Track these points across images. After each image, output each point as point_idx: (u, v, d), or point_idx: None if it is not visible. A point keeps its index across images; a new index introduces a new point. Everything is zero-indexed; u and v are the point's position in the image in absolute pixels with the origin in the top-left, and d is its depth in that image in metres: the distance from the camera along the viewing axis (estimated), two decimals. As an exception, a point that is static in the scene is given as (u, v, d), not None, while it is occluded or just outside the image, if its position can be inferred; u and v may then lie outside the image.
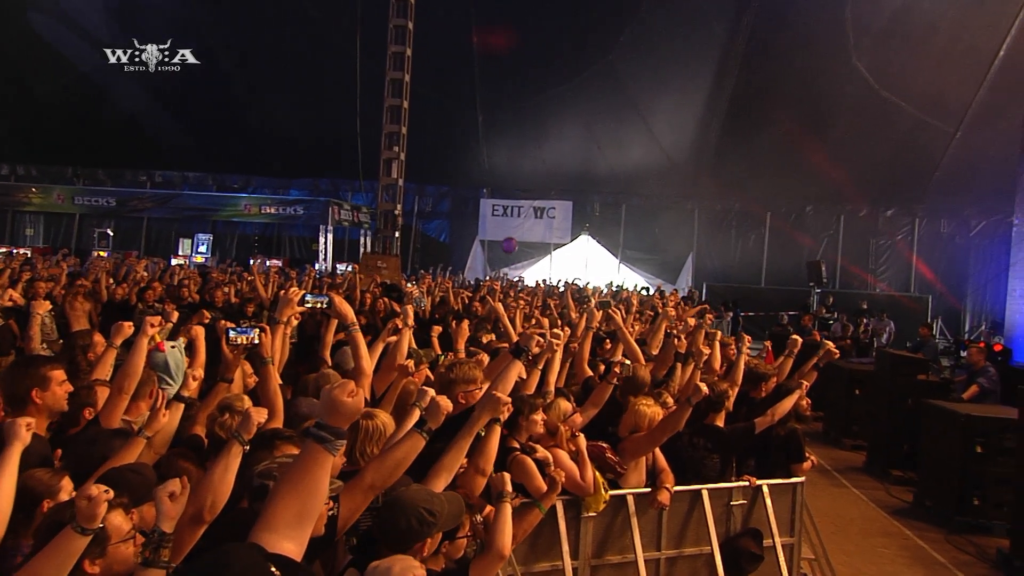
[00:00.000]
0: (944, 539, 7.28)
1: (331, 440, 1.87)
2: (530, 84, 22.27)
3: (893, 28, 19.56)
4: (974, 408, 8.06)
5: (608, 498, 4.37)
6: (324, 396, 1.92)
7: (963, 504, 7.51)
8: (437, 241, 27.49)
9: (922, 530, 7.50)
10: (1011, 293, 13.77)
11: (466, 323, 4.82)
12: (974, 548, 7.06)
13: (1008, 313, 13.96)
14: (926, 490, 8.21)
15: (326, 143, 23.21)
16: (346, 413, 1.91)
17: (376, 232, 18.32)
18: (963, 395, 8.76)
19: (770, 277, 24.79)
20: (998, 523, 7.25)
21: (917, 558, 6.88)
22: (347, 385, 1.93)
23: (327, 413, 1.90)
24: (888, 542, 7.27)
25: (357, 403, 1.92)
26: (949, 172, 22.17)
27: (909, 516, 7.94)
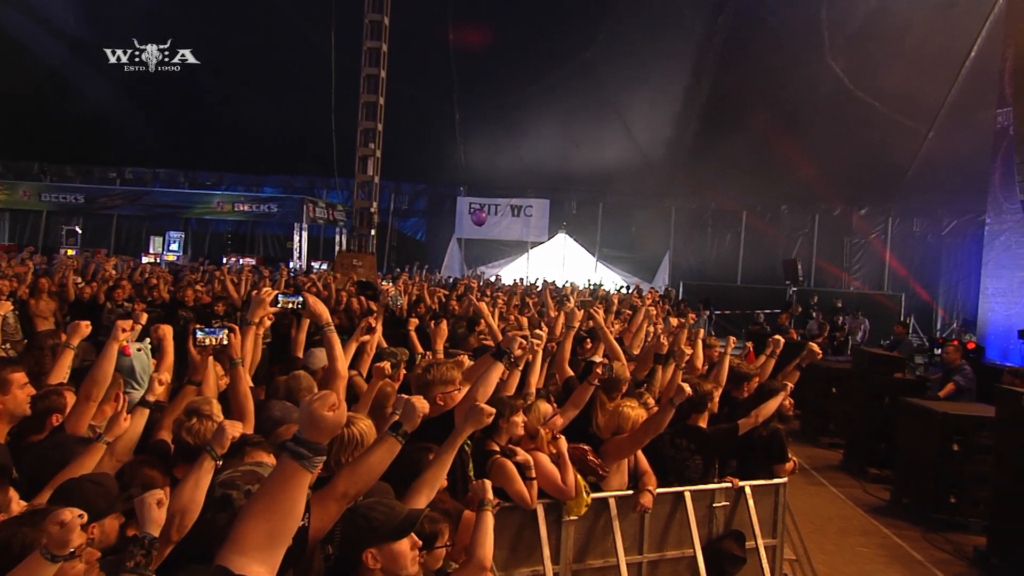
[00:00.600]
0: (921, 537, 7.28)
1: (309, 457, 1.74)
2: (507, 81, 22.16)
3: (867, 29, 19.73)
4: (951, 406, 8.09)
5: (590, 501, 4.28)
6: (303, 409, 1.79)
7: (940, 502, 7.53)
8: (413, 239, 27.31)
9: (900, 528, 7.51)
10: (983, 291, 13.91)
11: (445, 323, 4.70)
12: (951, 546, 7.06)
13: (981, 311, 14.10)
14: (903, 488, 8.23)
15: (301, 140, 22.94)
16: (326, 428, 1.78)
17: (352, 230, 18.12)
18: (939, 393, 8.79)
19: (746, 275, 24.95)
20: (975, 521, 7.28)
21: (895, 557, 6.87)
22: (327, 398, 1.79)
23: (306, 427, 1.77)
24: (866, 541, 7.26)
25: (338, 417, 1.79)
26: (921, 172, 22.46)
27: (887, 514, 7.95)
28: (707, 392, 4.80)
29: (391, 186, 25.80)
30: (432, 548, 2.74)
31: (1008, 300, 12.91)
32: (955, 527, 7.39)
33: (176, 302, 9.60)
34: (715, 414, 4.94)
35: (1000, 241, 13.22)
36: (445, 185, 26.86)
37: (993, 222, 13.76)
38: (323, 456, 1.79)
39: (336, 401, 1.79)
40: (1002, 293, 13.11)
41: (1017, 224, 12.66)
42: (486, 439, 3.90)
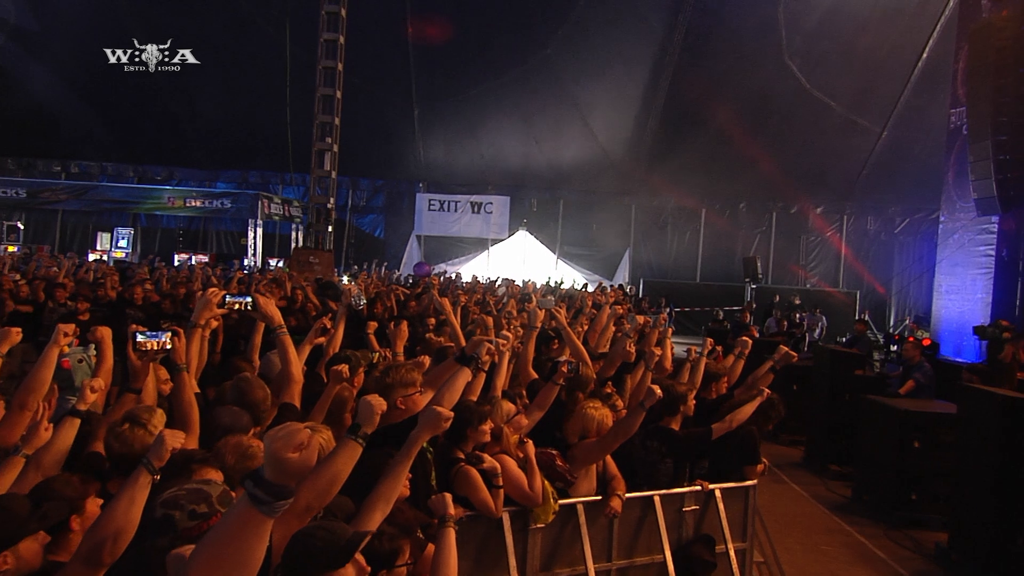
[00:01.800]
0: (883, 534, 7.29)
1: (270, 502, 1.50)
2: (467, 77, 21.97)
3: (822, 29, 19.99)
4: (911, 403, 8.12)
5: (557, 508, 4.11)
6: (267, 448, 1.54)
7: (901, 499, 7.55)
8: (372, 236, 26.95)
9: (862, 526, 7.51)
10: (937, 288, 14.15)
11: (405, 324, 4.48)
12: (912, 543, 7.08)
13: (935, 308, 14.33)
14: (864, 485, 8.25)
15: (255, 134, 22.45)
16: (291, 472, 1.53)
17: (308, 227, 17.70)
18: (900, 390, 8.85)
19: (705, 273, 25.15)
20: (935, 517, 7.31)
21: (858, 555, 6.86)
22: (294, 436, 1.55)
23: (269, 468, 1.53)
24: (830, 539, 7.24)
25: (306, 459, 1.55)
26: (875, 171, 22.90)
27: (848, 512, 7.95)
28: (680, 394, 4.67)
29: (348, 182, 25.48)
30: (392, 567, 2.53)
31: (961, 297, 13.14)
32: (916, 524, 7.42)
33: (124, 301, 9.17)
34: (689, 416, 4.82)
35: (954, 239, 13.45)
36: (404, 181, 26.54)
37: (947, 220, 13.98)
38: (287, 500, 1.54)
39: (304, 439, 1.55)
40: (956, 290, 13.34)
41: (971, 222, 12.88)
42: (452, 446, 3.72)
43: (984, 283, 12.49)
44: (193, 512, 2.06)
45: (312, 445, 1.56)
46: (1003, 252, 12.13)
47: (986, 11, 12.78)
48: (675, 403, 4.65)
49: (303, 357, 4.19)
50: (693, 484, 4.77)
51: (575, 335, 5.70)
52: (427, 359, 4.53)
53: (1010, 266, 12.03)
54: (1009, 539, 6.06)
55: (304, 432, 1.56)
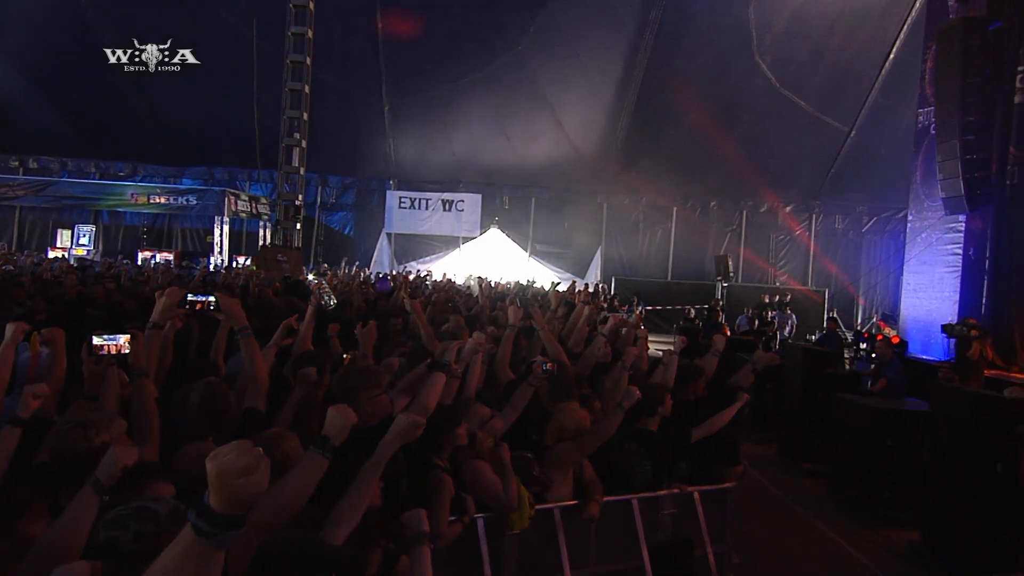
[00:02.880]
0: (857, 533, 7.28)
1: (216, 534, 1.34)
2: (438, 73, 21.76)
3: (792, 29, 20.12)
4: (884, 402, 8.14)
5: (533, 513, 3.98)
6: (210, 473, 1.36)
7: (874, 497, 7.54)
8: (341, 234, 26.62)
9: (835, 524, 7.49)
10: (906, 286, 14.28)
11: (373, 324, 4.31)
12: (885, 541, 7.07)
13: (903, 306, 14.47)
14: (837, 483, 8.25)
15: (222, 129, 21.99)
16: (240, 499, 1.36)
17: (276, 224, 17.35)
18: (872, 389, 8.88)
19: (676, 271, 25.22)
20: (908, 515, 7.31)
21: (832, 553, 6.83)
22: (242, 458, 1.36)
23: (214, 496, 1.35)
24: (804, 538, 7.21)
25: (256, 483, 1.37)
26: (844, 169, 23.15)
27: (822, 510, 7.93)
28: (658, 394, 4.57)
29: (317, 179, 25.19)
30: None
31: (929, 295, 13.27)
32: (889, 522, 7.41)
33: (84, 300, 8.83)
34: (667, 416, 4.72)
35: (922, 238, 13.58)
36: (374, 178, 26.26)
37: (915, 219, 14.12)
38: (237, 530, 1.37)
39: (253, 460, 1.37)
40: (923, 288, 13.47)
41: (938, 221, 13.01)
42: (426, 452, 3.58)
43: (951, 282, 12.62)
44: (139, 533, 1.87)
45: (262, 468, 1.39)
46: (970, 251, 12.26)
47: (953, 12, 12.90)
48: (653, 403, 4.55)
49: (270, 359, 4.01)
50: (671, 487, 4.68)
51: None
52: (395, 360, 4.38)
53: (977, 265, 12.16)
54: (982, 537, 6.07)
55: (253, 453, 1.39)
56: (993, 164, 11.73)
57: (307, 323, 4.61)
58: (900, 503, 7.44)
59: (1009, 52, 11.67)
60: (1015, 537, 5.94)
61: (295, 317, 4.11)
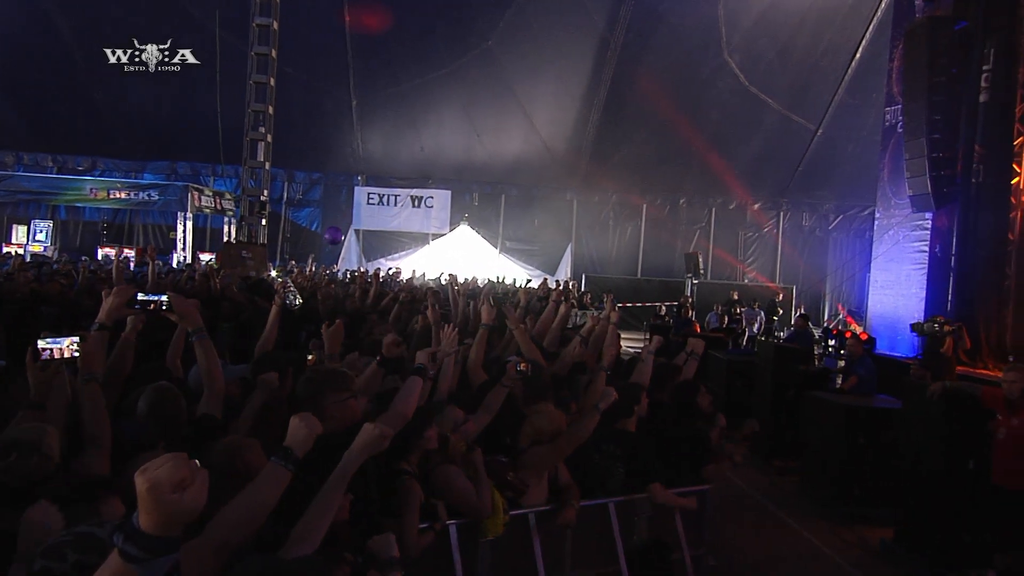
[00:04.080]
0: (829, 530, 7.25)
1: (146, 559, 1.17)
2: (406, 68, 21.53)
3: (760, 27, 20.23)
4: (856, 399, 8.13)
5: (508, 519, 3.84)
6: (139, 489, 1.19)
7: (846, 494, 7.53)
8: (308, 230, 26.23)
9: (808, 522, 7.45)
10: (873, 283, 14.40)
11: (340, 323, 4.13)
12: (858, 538, 7.06)
13: (870, 303, 14.60)
14: (809, 480, 8.24)
15: (184, 123, 21.47)
16: (173, 518, 1.19)
17: (240, 219, 16.96)
18: (843, 386, 8.88)
19: (646, 268, 25.27)
20: (880, 512, 7.29)
21: (806, 551, 6.79)
22: (175, 472, 1.20)
23: (143, 515, 1.18)
24: (775, 534, 7.17)
25: (192, 499, 1.21)
26: (811, 167, 23.35)
27: (794, 508, 7.90)
28: (634, 394, 4.46)
29: (284, 175, 24.80)
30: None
31: (896, 292, 13.40)
32: (861, 519, 7.40)
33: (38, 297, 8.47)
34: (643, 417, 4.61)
35: (889, 235, 13.70)
36: (342, 174, 25.92)
37: (882, 217, 14.24)
38: (172, 555, 1.20)
39: (188, 473, 1.20)
40: (890, 285, 13.59)
41: (905, 219, 13.13)
42: (395, 458, 3.42)
43: (918, 279, 12.74)
44: (79, 564, 1.67)
45: (199, 481, 1.22)
46: (936, 248, 12.38)
47: (919, 11, 13.02)
48: (630, 403, 4.44)
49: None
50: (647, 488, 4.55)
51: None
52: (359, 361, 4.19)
53: (943, 262, 12.28)
54: (954, 534, 6.06)
55: (188, 465, 1.22)
56: (959, 162, 11.85)
57: (271, 323, 4.41)
58: (871, 500, 7.43)
59: (974, 52, 11.78)
60: (988, 534, 5.93)
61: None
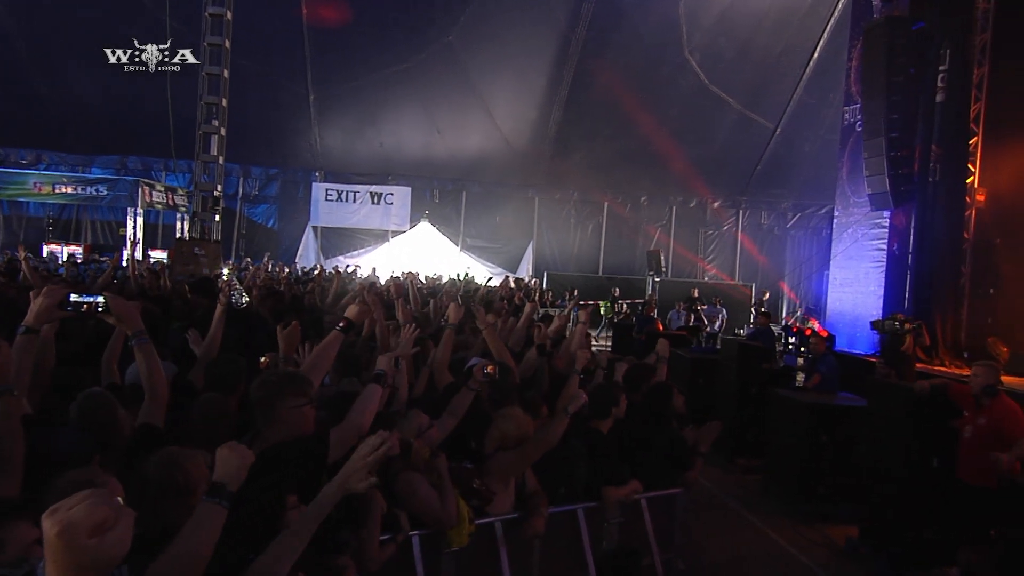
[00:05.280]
0: (794, 529, 7.22)
1: None
2: (366, 62, 21.14)
3: (721, 25, 20.34)
4: (819, 397, 8.13)
5: (474, 529, 3.66)
6: (47, 534, 1.00)
7: (809, 493, 7.50)
8: (264, 227, 25.66)
9: (772, 520, 7.42)
10: (833, 281, 14.55)
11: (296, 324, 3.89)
12: (823, 537, 7.03)
13: (829, 300, 14.75)
14: (774, 479, 8.21)
15: (134, 116, 20.77)
16: (92, 569, 1.00)
17: (193, 215, 16.44)
18: (807, 384, 8.89)
19: (607, 266, 25.29)
20: (843, 510, 7.29)
21: (770, 550, 6.76)
22: (97, 510, 1.01)
23: (51, 565, 1.00)
24: (740, 534, 7.12)
25: (114, 544, 1.02)
26: (769, 166, 23.58)
27: (758, 506, 7.87)
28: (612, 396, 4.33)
29: (239, 170, 24.24)
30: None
31: (854, 290, 13.54)
32: (824, 518, 7.38)
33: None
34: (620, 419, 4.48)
35: (848, 234, 13.84)
36: (299, 170, 25.39)
37: (841, 215, 14.38)
38: None
39: (111, 513, 1.01)
40: (849, 283, 13.74)
41: (864, 217, 13.27)
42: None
43: (876, 276, 12.89)
44: None
45: (123, 522, 1.03)
46: (894, 247, 12.53)
47: (877, 12, 13.16)
48: (606, 405, 4.30)
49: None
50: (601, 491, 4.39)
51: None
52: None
53: (900, 260, 12.43)
54: (918, 532, 6.06)
55: (110, 503, 1.02)
56: (916, 161, 11.99)
57: (215, 325, 4.15)
58: (836, 498, 7.41)
59: (931, 52, 11.94)
60: (952, 531, 5.93)
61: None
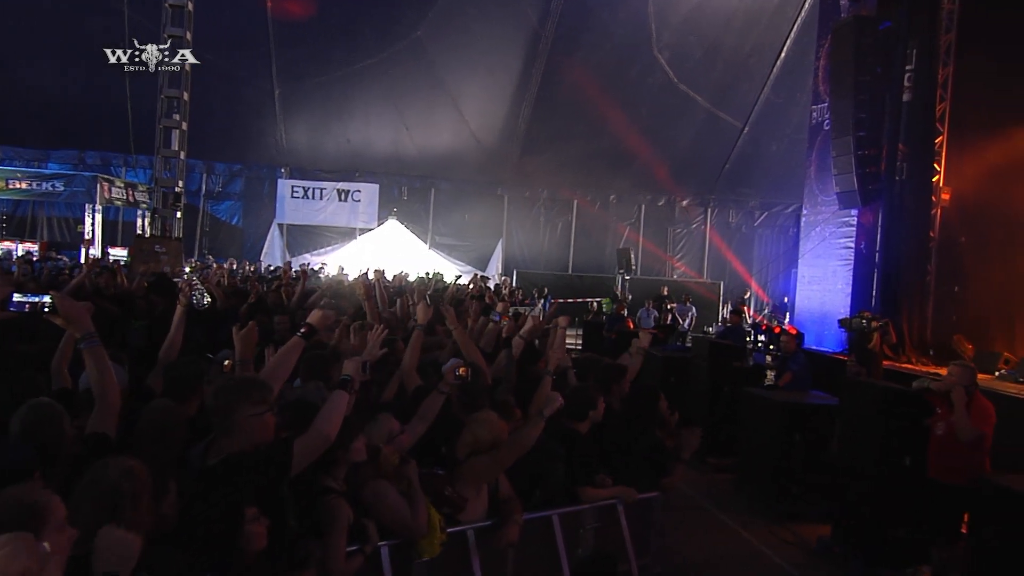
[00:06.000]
0: (766, 529, 7.18)
1: None
2: (332, 57, 20.83)
3: (689, 24, 20.38)
4: (791, 395, 8.10)
5: (445, 539, 3.51)
6: None
7: (782, 492, 7.46)
8: (228, 224, 25.18)
9: (745, 520, 7.37)
10: (801, 279, 14.65)
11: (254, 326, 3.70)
12: (796, 537, 7.00)
13: (798, 298, 14.85)
14: (746, 478, 8.17)
15: (93, 110, 20.18)
16: None
17: (153, 212, 16.00)
18: (778, 382, 8.88)
19: (577, 264, 25.26)
20: (816, 510, 7.26)
21: (743, 550, 6.71)
22: (19, 559, 0.89)
23: None
24: (713, 535, 7.06)
25: None
26: (737, 165, 23.73)
27: (730, 505, 7.82)
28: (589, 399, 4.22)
29: (202, 166, 23.77)
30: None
31: (822, 287, 13.64)
32: (798, 517, 7.34)
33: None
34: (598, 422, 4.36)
35: (816, 232, 13.93)
36: (264, 166, 24.94)
37: (809, 214, 14.48)
38: None
39: (35, 563, 0.89)
40: (817, 281, 13.83)
41: (832, 215, 13.36)
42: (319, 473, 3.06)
43: (844, 275, 12.98)
44: None
45: (50, 571, 0.89)
46: (861, 245, 12.64)
47: (845, 11, 13.25)
48: (584, 407, 4.20)
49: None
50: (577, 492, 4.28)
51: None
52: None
53: (868, 258, 12.54)
54: (891, 530, 6.04)
55: (32, 550, 0.91)
56: (883, 160, 12.09)
57: (175, 326, 3.95)
58: (808, 498, 7.38)
59: (898, 51, 12.04)
60: (924, 530, 5.93)
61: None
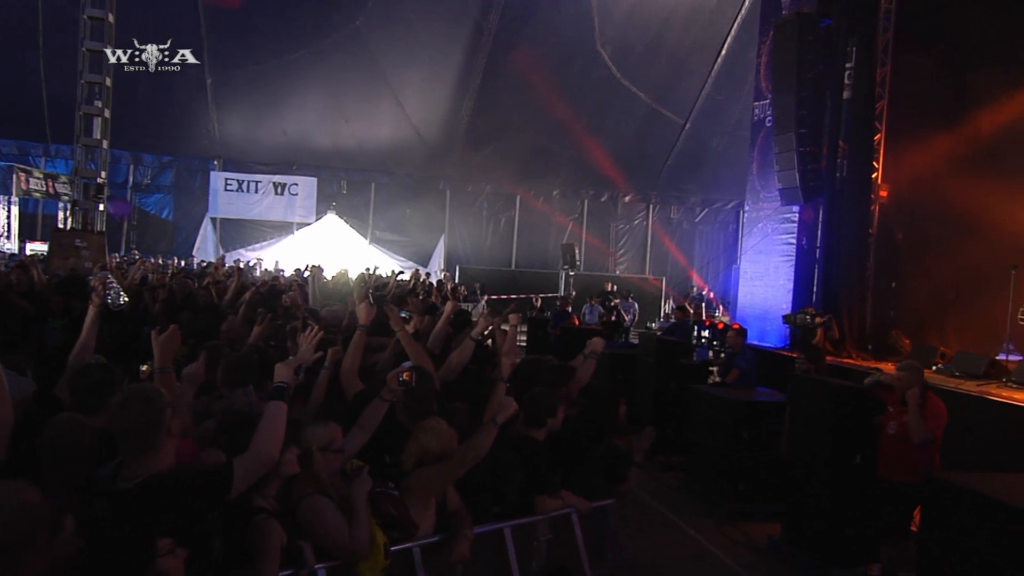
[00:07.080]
0: (716, 528, 7.10)
1: None
2: (267, 45, 20.17)
3: (632, 19, 20.41)
4: (738, 393, 8.04)
5: (388, 563, 3.20)
6: None
7: (730, 490, 7.40)
8: (158, 218, 24.23)
9: (694, 519, 7.29)
10: (743, 275, 14.71)
11: (175, 329, 3.34)
12: (745, 536, 6.93)
13: (740, 294, 14.92)
14: (694, 476, 8.09)
15: (6, 96, 19.06)
16: None
17: (73, 204, 15.13)
18: (726, 380, 8.81)
19: (520, 259, 25.12)
20: (764, 508, 7.20)
21: (693, 551, 6.62)
22: None
23: None
24: (662, 535, 6.96)
25: None
26: (679, 161, 23.92)
27: (679, 505, 7.73)
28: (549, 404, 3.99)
29: (130, 157, 22.81)
30: None
31: (764, 283, 13.71)
32: (747, 516, 7.29)
33: None
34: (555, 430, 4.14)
35: (758, 228, 14.00)
36: (196, 158, 24.06)
37: (751, 210, 14.56)
38: None
39: None
40: (759, 277, 13.90)
41: (774, 212, 13.44)
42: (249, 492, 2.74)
43: (786, 271, 13.07)
44: None
45: None
46: (803, 241, 12.74)
47: (786, 7, 13.33)
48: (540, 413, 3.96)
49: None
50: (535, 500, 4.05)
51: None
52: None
53: (809, 254, 12.65)
54: (840, 529, 6.00)
55: None
56: (824, 157, 12.20)
57: (87, 328, 3.56)
58: (757, 496, 7.33)
59: (838, 49, 12.16)
60: (874, 528, 5.90)
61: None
